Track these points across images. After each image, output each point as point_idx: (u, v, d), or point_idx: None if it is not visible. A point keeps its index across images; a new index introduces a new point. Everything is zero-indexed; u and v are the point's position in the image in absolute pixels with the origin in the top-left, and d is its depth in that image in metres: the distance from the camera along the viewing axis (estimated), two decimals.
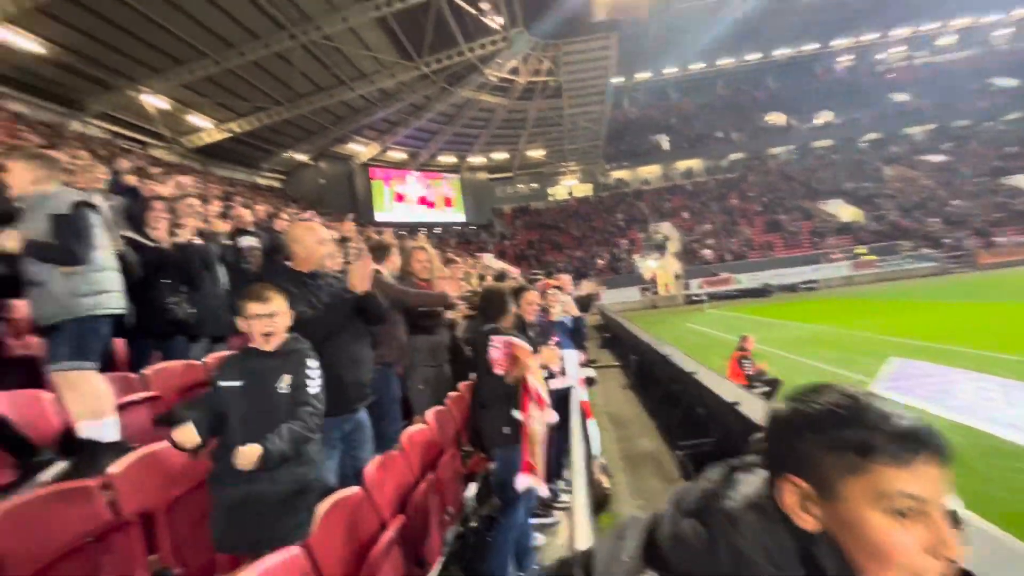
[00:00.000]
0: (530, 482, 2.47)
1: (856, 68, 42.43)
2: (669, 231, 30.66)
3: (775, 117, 39.23)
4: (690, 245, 28.92)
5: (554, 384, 3.57)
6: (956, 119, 34.69)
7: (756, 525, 0.63)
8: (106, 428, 2.25)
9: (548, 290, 4.98)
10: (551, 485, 3.32)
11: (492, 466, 2.83)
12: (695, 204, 33.49)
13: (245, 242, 4.59)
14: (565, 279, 6.93)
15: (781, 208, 30.99)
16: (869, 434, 0.58)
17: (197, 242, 3.75)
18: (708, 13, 28.03)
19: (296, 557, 1.47)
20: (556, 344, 3.94)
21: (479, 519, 2.94)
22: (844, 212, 29.35)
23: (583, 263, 28.24)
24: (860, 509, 0.58)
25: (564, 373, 4.10)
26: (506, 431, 2.67)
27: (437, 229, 31.51)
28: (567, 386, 4.08)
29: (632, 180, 37.41)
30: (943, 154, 32.49)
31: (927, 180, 30.51)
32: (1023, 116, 32.86)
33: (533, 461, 2.50)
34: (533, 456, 2.51)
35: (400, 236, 18.99)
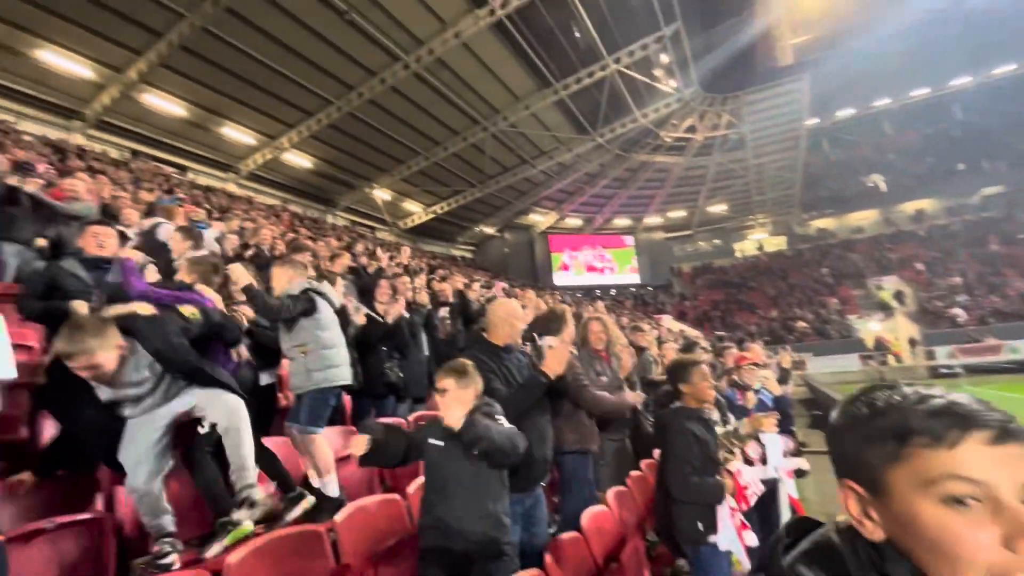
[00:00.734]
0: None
1: None
2: (898, 286, 25.10)
3: None
4: (930, 303, 23.22)
5: (752, 474, 3.08)
6: None
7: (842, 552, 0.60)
8: (327, 486, 2.68)
9: (743, 364, 4.35)
10: None
11: (680, 562, 2.55)
12: (933, 252, 27.04)
13: (441, 313, 5.22)
14: (756, 349, 6.03)
15: None
16: (904, 417, 0.54)
17: (406, 315, 4.39)
18: (929, 27, 23.66)
19: None
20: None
21: None
22: None
23: (781, 325, 24.84)
24: (910, 501, 0.52)
25: (765, 462, 3.53)
26: (701, 527, 2.38)
27: (612, 291, 31.41)
28: (770, 478, 3.47)
29: (839, 229, 32.29)
30: None
31: None
32: None
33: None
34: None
35: (576, 300, 19.37)
